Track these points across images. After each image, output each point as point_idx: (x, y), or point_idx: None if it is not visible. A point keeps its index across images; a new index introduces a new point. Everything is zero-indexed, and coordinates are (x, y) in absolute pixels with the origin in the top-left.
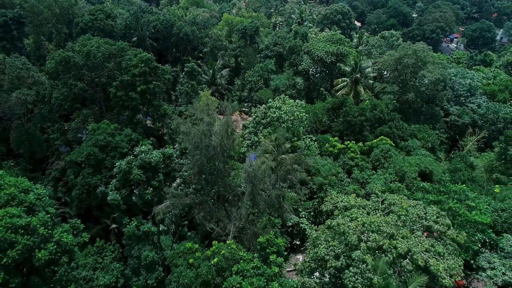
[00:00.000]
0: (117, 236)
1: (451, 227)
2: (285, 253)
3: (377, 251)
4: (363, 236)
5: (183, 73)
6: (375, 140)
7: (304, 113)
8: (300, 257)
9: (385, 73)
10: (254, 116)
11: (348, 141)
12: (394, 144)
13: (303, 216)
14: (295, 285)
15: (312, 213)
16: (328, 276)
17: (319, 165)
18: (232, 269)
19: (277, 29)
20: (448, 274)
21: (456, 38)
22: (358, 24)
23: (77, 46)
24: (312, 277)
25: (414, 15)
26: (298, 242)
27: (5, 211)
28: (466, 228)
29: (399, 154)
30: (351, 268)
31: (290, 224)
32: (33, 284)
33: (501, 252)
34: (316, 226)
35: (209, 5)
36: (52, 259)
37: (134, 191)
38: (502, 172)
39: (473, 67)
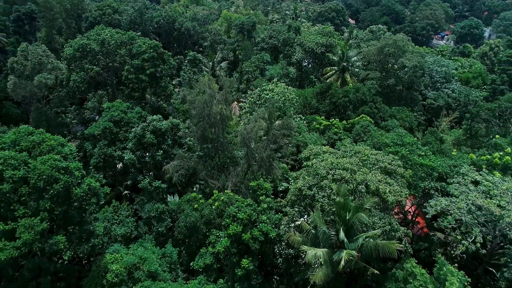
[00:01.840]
0: (129, 201)
1: (401, 167)
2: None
3: (342, 184)
4: (331, 171)
5: (186, 61)
6: (357, 118)
7: (294, 95)
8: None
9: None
10: (249, 98)
11: (333, 119)
12: (375, 124)
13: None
14: (280, 217)
15: None
16: (303, 206)
17: (307, 138)
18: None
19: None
20: (393, 195)
21: (446, 35)
22: (352, 21)
23: (92, 35)
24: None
25: (407, 13)
26: None
27: (49, 156)
28: (415, 170)
29: (378, 130)
30: (320, 192)
31: (281, 189)
32: (70, 215)
33: (448, 197)
34: None
35: (209, 3)
36: (84, 198)
37: (147, 153)
38: (470, 146)
39: (452, 58)
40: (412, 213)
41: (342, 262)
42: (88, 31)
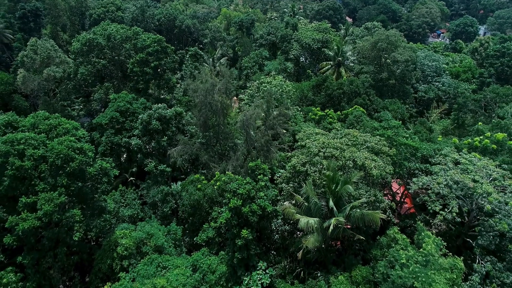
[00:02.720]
0: (134, 187)
1: (386, 146)
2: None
3: (332, 160)
4: (322, 150)
5: (188, 56)
6: (350, 109)
7: (291, 88)
8: (286, 203)
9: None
10: (248, 91)
11: (328, 110)
12: (368, 115)
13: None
14: (276, 193)
15: None
16: (297, 182)
17: (303, 127)
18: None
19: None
20: (377, 170)
21: (442, 33)
22: (350, 20)
23: (99, 30)
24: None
25: (404, 11)
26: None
27: (65, 137)
28: (400, 150)
29: (370, 121)
30: (312, 168)
31: (278, 175)
32: (84, 191)
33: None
34: None
35: (208, 1)
36: (97, 177)
37: (153, 140)
38: (458, 135)
39: (443, 53)
40: (400, 194)
41: (331, 227)
42: (92, 28)
